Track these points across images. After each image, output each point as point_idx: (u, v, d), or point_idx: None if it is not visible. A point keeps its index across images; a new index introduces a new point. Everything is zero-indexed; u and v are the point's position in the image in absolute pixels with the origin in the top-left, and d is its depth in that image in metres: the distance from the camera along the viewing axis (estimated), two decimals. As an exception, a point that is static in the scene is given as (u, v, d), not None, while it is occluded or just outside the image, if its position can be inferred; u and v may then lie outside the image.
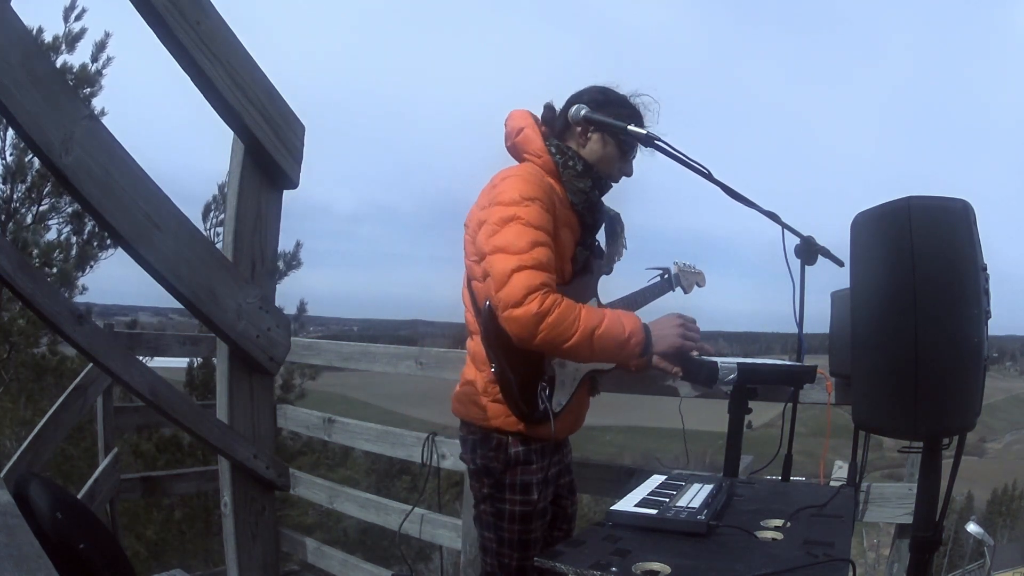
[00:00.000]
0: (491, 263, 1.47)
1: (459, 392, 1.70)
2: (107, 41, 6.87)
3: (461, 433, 1.71)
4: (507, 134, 1.70)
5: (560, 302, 1.44)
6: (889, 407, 1.35)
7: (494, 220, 1.49)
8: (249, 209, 1.88)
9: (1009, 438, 56.17)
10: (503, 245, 1.46)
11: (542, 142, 1.63)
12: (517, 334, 1.43)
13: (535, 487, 1.60)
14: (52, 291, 1.72)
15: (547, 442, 1.63)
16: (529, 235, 1.46)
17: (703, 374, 1.66)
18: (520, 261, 1.43)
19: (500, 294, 1.43)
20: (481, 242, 1.52)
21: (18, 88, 1.33)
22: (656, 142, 1.53)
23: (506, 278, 1.42)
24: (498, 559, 1.63)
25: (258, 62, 1.76)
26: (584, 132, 1.64)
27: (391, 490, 8.50)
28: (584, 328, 1.45)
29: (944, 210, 1.29)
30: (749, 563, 0.97)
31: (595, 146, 1.65)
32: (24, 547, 0.70)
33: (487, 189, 1.60)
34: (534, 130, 1.64)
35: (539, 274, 1.43)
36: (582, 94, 1.66)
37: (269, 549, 2.05)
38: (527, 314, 1.40)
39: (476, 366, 1.64)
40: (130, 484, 3.41)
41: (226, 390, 1.92)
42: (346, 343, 3.08)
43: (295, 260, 7.84)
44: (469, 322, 1.68)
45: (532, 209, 1.49)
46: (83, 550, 1.32)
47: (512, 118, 1.69)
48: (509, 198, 1.50)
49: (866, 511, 1.91)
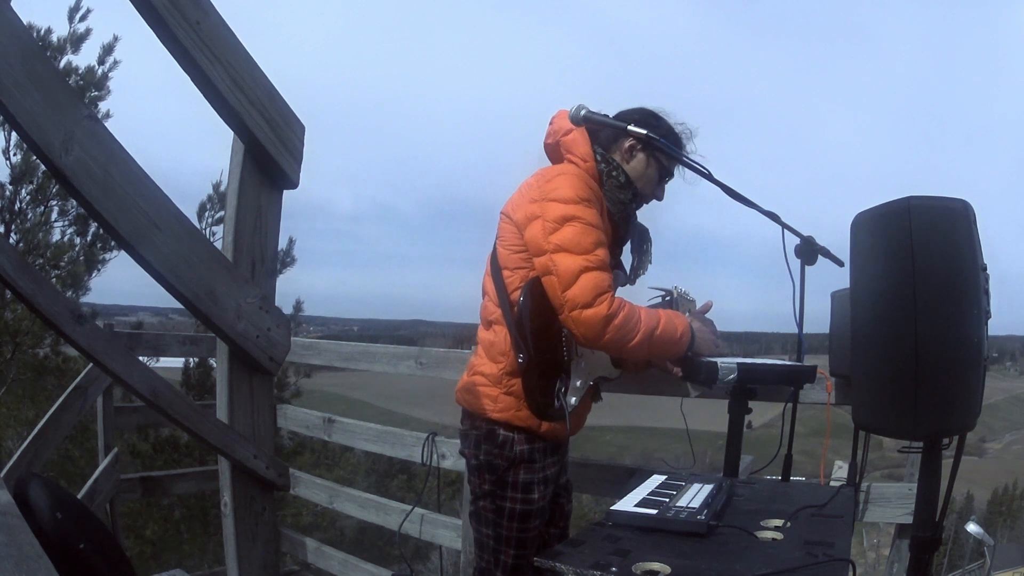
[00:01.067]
0: (555, 261, 1.48)
1: (467, 382, 1.69)
2: (115, 44, 6.87)
3: (463, 427, 1.70)
4: (552, 131, 1.70)
5: (624, 304, 1.49)
6: (889, 407, 1.35)
7: (553, 217, 1.50)
8: (249, 209, 1.88)
9: (1009, 438, 56.17)
10: (567, 245, 1.48)
11: (590, 147, 1.63)
12: (585, 334, 1.47)
13: (536, 486, 1.61)
14: (52, 291, 1.72)
15: (549, 442, 1.64)
16: (592, 236, 1.49)
17: (703, 374, 1.66)
18: (587, 262, 1.46)
19: (568, 294, 1.46)
20: (538, 238, 1.52)
21: (18, 88, 1.33)
22: (655, 143, 1.54)
23: (574, 278, 1.45)
24: (494, 556, 1.63)
25: (258, 62, 1.76)
26: (632, 149, 1.65)
27: (389, 490, 8.50)
28: (645, 329, 1.50)
29: (944, 210, 1.29)
30: (749, 563, 0.97)
31: (638, 164, 1.66)
32: (24, 547, 0.70)
33: (534, 183, 1.60)
34: (583, 134, 1.64)
35: (605, 276, 1.48)
36: (634, 112, 1.67)
37: (269, 549, 2.05)
38: (597, 316, 1.44)
39: (491, 357, 1.63)
40: (130, 484, 3.41)
41: (226, 390, 1.92)
42: (346, 343, 3.08)
43: (289, 257, 7.81)
44: (489, 311, 1.67)
45: (590, 210, 1.52)
46: (83, 550, 1.32)
47: (561, 117, 1.68)
48: (565, 196, 1.51)
49: (866, 511, 1.91)
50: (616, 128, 1.58)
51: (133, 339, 3.51)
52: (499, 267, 1.64)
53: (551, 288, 1.50)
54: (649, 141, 1.55)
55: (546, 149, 1.74)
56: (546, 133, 1.72)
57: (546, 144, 1.73)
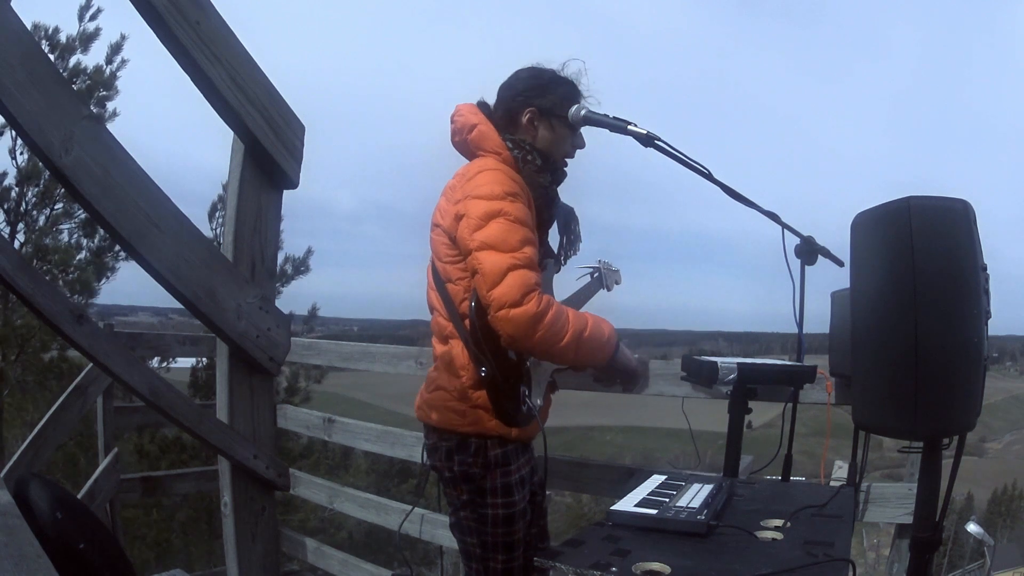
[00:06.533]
0: (480, 260, 1.42)
1: (429, 398, 1.63)
2: (123, 43, 6.87)
3: (428, 440, 1.64)
4: (456, 130, 1.64)
5: (552, 303, 1.42)
6: (889, 407, 1.35)
7: (477, 214, 1.44)
8: (249, 209, 1.88)
9: (1009, 438, 56.18)
10: (493, 242, 1.41)
11: (499, 137, 1.58)
12: (512, 334, 1.39)
13: (515, 488, 1.58)
14: (52, 291, 1.72)
15: (520, 443, 1.61)
16: (519, 232, 1.43)
17: (703, 374, 1.66)
18: (514, 259, 1.40)
19: (494, 293, 1.38)
20: (464, 237, 1.46)
21: (18, 88, 1.33)
22: (656, 142, 1.51)
23: (499, 277, 1.39)
24: (483, 564, 1.59)
25: (258, 62, 1.76)
26: (531, 121, 1.60)
27: (389, 489, 8.50)
28: (574, 330, 1.44)
29: (944, 210, 1.29)
30: (749, 563, 0.97)
31: (545, 133, 1.61)
32: (24, 547, 0.70)
33: (457, 183, 1.55)
34: (488, 126, 1.59)
35: (532, 273, 1.41)
36: (514, 82, 1.62)
37: (269, 549, 2.05)
38: (525, 314, 1.37)
39: (452, 372, 1.57)
40: (130, 484, 3.41)
41: (226, 390, 1.92)
42: (346, 343, 3.07)
43: (304, 265, 7.78)
44: (440, 325, 1.61)
45: (517, 205, 1.46)
46: (83, 550, 1.32)
47: (461, 113, 1.63)
48: (491, 192, 1.45)
49: (866, 511, 1.91)
50: (617, 128, 1.55)
51: (133, 339, 3.51)
52: (442, 281, 1.58)
53: (478, 287, 1.44)
54: (650, 143, 1.52)
55: (456, 148, 1.67)
56: (451, 132, 1.66)
57: (453, 142, 1.67)
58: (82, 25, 6.71)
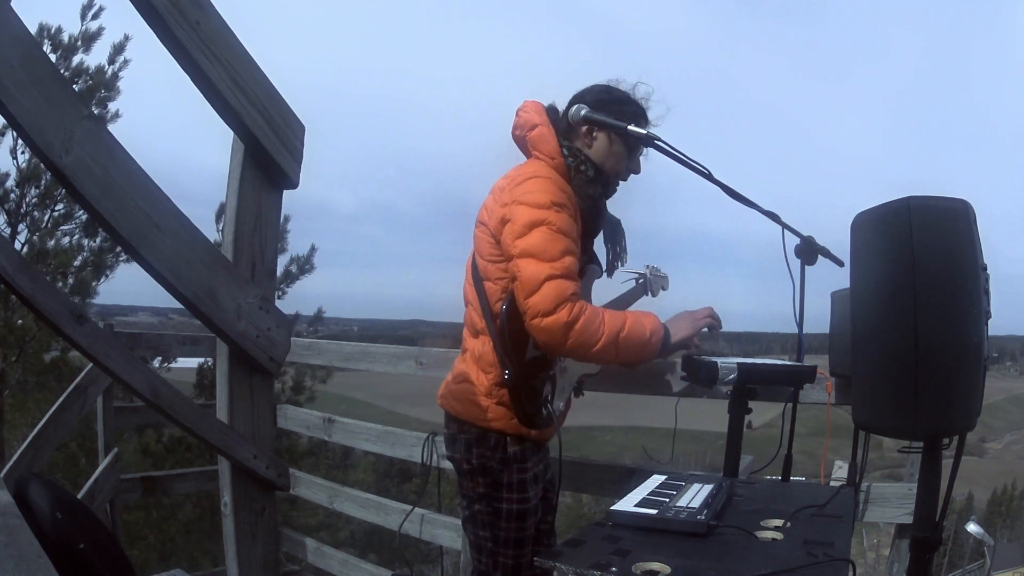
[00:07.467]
0: (520, 267, 1.46)
1: (455, 389, 1.67)
2: (125, 43, 6.86)
3: (450, 430, 1.68)
4: (518, 124, 1.67)
5: (585, 309, 1.46)
6: (889, 407, 1.35)
7: (522, 221, 1.48)
8: (249, 209, 1.88)
9: (1009, 438, 56.17)
10: (533, 251, 1.45)
11: (557, 143, 1.60)
12: (546, 341, 1.46)
13: (529, 485, 1.62)
14: (52, 291, 1.72)
15: (536, 442, 1.64)
16: (561, 243, 1.47)
17: (703, 374, 1.66)
18: (552, 269, 1.44)
19: (530, 301, 1.44)
20: (507, 242, 1.50)
21: (18, 88, 1.33)
22: (656, 142, 1.53)
23: (537, 286, 1.43)
24: (493, 557, 1.63)
25: (258, 62, 1.76)
26: (590, 132, 1.62)
27: (389, 489, 8.51)
28: (609, 332, 1.47)
29: (944, 210, 1.29)
30: (749, 563, 0.97)
31: (601, 145, 1.64)
32: (24, 547, 0.71)
33: (506, 185, 1.57)
34: (549, 129, 1.61)
35: (569, 284, 1.45)
36: (585, 93, 1.64)
37: (269, 549, 2.05)
38: (557, 323, 1.42)
39: (480, 367, 1.61)
40: (130, 484, 3.41)
41: (226, 390, 1.92)
42: (346, 343, 3.08)
43: (308, 264, 7.78)
44: (473, 320, 1.65)
45: (562, 216, 1.49)
46: (83, 550, 1.32)
47: (526, 110, 1.66)
48: (537, 200, 1.49)
49: (866, 511, 1.91)
50: (617, 128, 1.56)
51: (133, 339, 3.51)
52: (480, 277, 1.62)
53: (516, 293, 1.49)
54: (650, 142, 1.54)
55: (515, 140, 1.70)
56: (513, 124, 1.69)
57: (514, 135, 1.69)
58: (84, 24, 6.71)
